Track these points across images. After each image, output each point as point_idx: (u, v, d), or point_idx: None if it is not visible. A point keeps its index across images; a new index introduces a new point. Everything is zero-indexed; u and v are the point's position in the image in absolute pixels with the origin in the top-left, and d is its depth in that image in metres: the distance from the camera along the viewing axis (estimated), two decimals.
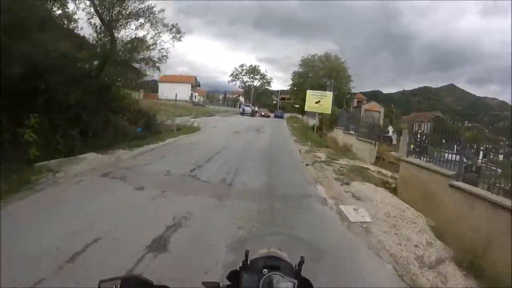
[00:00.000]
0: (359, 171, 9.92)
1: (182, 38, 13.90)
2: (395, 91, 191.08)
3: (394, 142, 27.82)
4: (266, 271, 0.90)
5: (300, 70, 55.63)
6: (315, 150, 14.28)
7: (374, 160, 13.91)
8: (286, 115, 68.02)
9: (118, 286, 0.85)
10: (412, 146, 10.45)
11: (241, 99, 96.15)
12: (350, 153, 14.66)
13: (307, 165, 10.79)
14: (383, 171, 11.50)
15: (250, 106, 49.65)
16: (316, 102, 21.89)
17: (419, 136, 10.11)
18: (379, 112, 58.99)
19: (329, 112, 22.40)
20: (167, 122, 17.72)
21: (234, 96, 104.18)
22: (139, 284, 0.91)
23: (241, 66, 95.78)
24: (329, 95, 22.91)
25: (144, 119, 14.15)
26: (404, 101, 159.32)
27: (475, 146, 8.74)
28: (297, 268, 0.96)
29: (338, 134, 20.77)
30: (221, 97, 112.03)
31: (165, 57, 13.90)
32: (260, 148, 13.53)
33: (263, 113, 48.74)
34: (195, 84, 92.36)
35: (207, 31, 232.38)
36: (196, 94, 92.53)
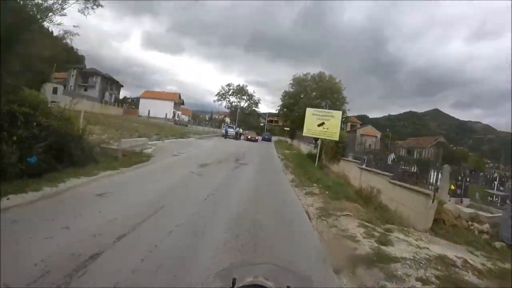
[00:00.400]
0: None
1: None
2: (381, 116, 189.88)
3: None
4: None
5: (291, 89, 50.53)
6: (336, 210, 7.55)
7: (430, 224, 8.10)
8: (274, 138, 62.77)
9: None
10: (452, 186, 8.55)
11: (228, 120, 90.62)
12: (388, 212, 8.69)
13: None
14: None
15: (234, 127, 44.42)
16: (319, 125, 16.29)
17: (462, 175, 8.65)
18: (376, 137, 54.31)
19: (337, 138, 16.41)
20: (114, 146, 11.92)
21: (220, 117, 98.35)
22: None
23: (228, 85, 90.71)
24: (336, 116, 16.87)
25: (50, 139, 7.99)
26: (390, 125, 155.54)
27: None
28: None
29: (349, 168, 15.04)
30: (207, 117, 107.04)
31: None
32: (232, 210, 6.52)
33: (249, 137, 42.55)
34: (178, 102, 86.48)
35: (199, 51, 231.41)
36: (179, 112, 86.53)
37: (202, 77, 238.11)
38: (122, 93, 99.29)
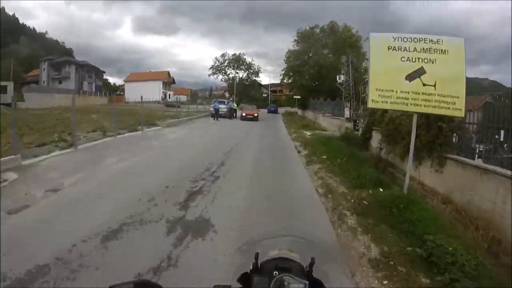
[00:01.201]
0: None
1: None
2: None
3: None
4: (277, 273, 0.88)
5: (296, 48, 39.79)
6: None
7: None
8: (280, 110, 52.68)
9: None
10: None
11: (227, 94, 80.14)
12: None
13: None
14: None
15: (227, 102, 32.36)
16: (412, 77, 5.55)
17: None
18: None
19: (462, 111, 5.60)
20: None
21: (220, 92, 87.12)
22: None
23: (223, 56, 79.46)
24: (454, 49, 5.62)
25: None
26: None
27: None
28: (308, 269, 0.94)
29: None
30: (207, 94, 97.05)
31: None
32: None
33: (245, 114, 28.23)
34: (168, 81, 76.08)
35: (194, 29, 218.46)
36: (170, 93, 76.34)
37: (201, 54, 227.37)
38: (115, 81, 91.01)
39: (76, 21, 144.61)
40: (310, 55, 37.91)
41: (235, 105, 32.11)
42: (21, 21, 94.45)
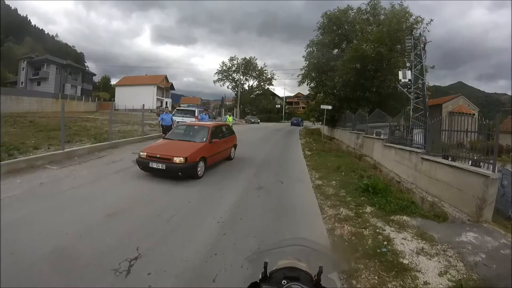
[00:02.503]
0: None
1: None
2: None
3: None
4: (286, 282, 0.88)
5: (320, 37, 26.95)
6: None
7: None
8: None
9: None
10: None
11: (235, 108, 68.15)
12: None
13: None
14: None
15: (199, 110, 18.25)
16: None
17: None
18: (473, 115, 30.66)
19: None
20: None
21: (231, 103, 74.92)
22: None
23: (231, 59, 67.70)
24: None
25: None
26: None
27: None
28: (316, 278, 0.94)
29: None
30: (219, 104, 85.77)
31: None
32: None
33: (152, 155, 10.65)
34: (165, 86, 64.49)
35: (212, 39, 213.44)
36: (168, 100, 64.74)
37: (217, 65, 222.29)
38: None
39: (96, 29, 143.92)
40: (344, 46, 25.15)
41: (229, 119, 19.03)
42: (33, 23, 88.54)
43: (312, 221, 5.41)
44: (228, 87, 67.94)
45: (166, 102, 63.36)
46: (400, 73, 17.17)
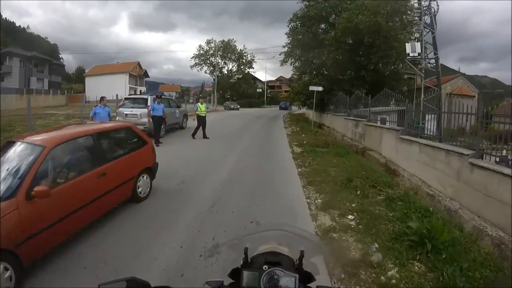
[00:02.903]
0: None
1: None
2: None
3: None
4: (267, 267, 0.88)
5: (304, 9, 23.22)
6: None
7: None
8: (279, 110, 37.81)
9: None
10: None
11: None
12: None
13: None
14: None
15: (154, 98, 12.40)
16: None
17: None
18: (473, 97, 28.63)
19: None
20: None
21: (211, 89, 70.52)
22: (140, 286, 0.86)
23: (208, 42, 63.14)
24: None
25: None
26: None
27: None
28: (298, 262, 0.94)
29: None
30: (199, 90, 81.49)
31: None
32: None
33: None
34: (138, 74, 59.62)
35: (191, 25, 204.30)
36: (142, 88, 60.05)
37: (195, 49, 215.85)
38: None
39: (72, 19, 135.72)
40: (332, 19, 21.69)
41: (201, 107, 14.33)
42: (13, 20, 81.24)
43: None
44: (206, 72, 63.62)
45: (140, 91, 58.83)
46: (408, 46, 14.13)
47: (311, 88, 18.21)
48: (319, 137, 14.34)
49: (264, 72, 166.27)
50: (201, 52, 61.65)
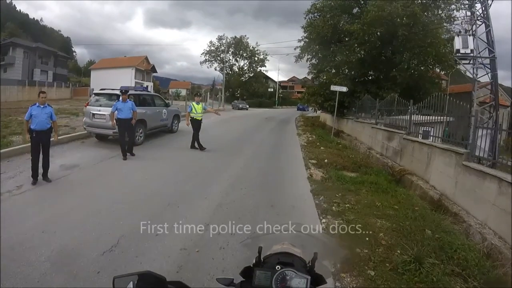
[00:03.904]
0: None
1: None
2: None
3: None
4: (279, 268, 0.87)
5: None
6: None
7: None
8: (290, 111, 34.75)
9: (135, 282, 0.82)
10: None
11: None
12: None
13: None
14: None
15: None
16: None
17: None
18: (507, 108, 24.65)
19: None
20: None
21: (220, 87, 67.95)
22: (154, 279, 0.86)
23: (220, 38, 60.27)
24: None
25: None
26: None
27: None
28: (310, 264, 0.93)
29: None
30: (210, 87, 78.94)
31: None
32: None
33: None
34: (145, 69, 57.28)
35: (206, 22, 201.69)
36: (149, 83, 57.63)
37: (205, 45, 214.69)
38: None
39: (88, 13, 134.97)
40: (355, 11, 18.47)
41: (197, 108, 11.11)
42: (19, 9, 79.53)
43: None
44: (215, 69, 60.85)
45: (148, 86, 56.41)
46: (457, 40, 11.02)
47: (333, 88, 15.03)
48: (343, 151, 11.24)
49: (276, 72, 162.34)
50: (212, 48, 59.00)
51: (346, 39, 16.75)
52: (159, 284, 0.86)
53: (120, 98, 8.30)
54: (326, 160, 8.89)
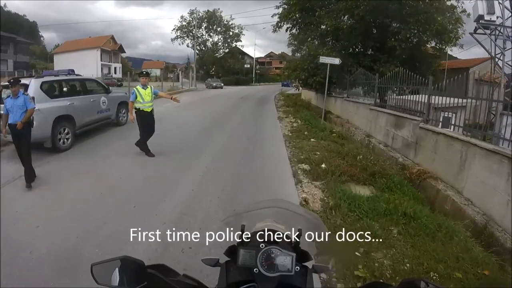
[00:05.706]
0: None
1: None
2: None
3: None
4: (264, 246, 0.84)
5: None
6: None
7: None
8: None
9: (118, 268, 0.78)
10: None
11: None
12: None
13: None
14: None
15: None
16: None
17: None
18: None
19: None
20: None
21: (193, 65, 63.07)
22: (133, 264, 0.81)
23: (191, 13, 55.40)
24: None
25: None
26: None
27: None
28: (295, 241, 0.88)
29: None
30: (184, 67, 74.46)
31: None
32: None
33: None
34: (112, 49, 52.19)
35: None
36: (117, 65, 52.80)
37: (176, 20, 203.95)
38: None
39: None
40: None
41: (144, 95, 8.78)
42: None
43: None
44: (188, 46, 56.35)
45: (116, 68, 51.78)
46: (480, 4, 8.42)
47: (323, 60, 12.11)
48: (343, 146, 8.48)
49: (253, 47, 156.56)
50: (183, 23, 54.35)
51: (332, 3, 13.79)
52: (139, 268, 0.80)
53: (21, 92, 5.19)
54: (323, 165, 6.26)
